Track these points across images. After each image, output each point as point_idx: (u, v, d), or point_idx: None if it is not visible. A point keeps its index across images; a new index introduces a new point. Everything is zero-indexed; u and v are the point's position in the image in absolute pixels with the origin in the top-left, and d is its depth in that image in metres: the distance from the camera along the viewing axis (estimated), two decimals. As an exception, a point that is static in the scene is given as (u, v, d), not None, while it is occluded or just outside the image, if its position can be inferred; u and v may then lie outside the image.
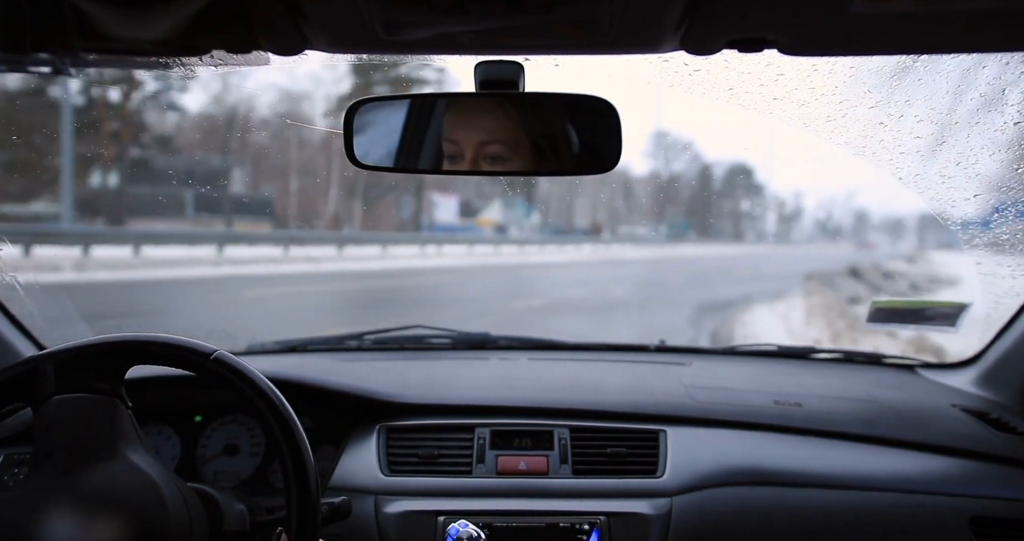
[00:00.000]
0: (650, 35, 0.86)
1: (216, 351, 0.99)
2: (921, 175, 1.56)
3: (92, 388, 0.97)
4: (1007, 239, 1.60)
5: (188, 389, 1.53)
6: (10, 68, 0.97)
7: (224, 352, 1.00)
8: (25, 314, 1.66)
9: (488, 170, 1.08)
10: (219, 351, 1.00)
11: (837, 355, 2.03)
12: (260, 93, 25.38)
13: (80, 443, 0.95)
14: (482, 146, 1.07)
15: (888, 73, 1.29)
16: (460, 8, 0.79)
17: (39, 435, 0.96)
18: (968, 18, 0.82)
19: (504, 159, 1.07)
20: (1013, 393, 1.65)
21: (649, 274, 18.37)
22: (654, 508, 1.31)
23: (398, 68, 2.79)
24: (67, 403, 0.96)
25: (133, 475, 0.95)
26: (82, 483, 0.93)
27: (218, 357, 0.99)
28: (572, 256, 24.06)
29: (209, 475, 1.49)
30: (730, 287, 15.07)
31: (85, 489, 0.92)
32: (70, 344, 1.00)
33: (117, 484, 0.94)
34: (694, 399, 1.58)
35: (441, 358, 1.97)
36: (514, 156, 1.07)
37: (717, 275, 18.40)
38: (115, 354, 0.99)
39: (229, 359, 0.99)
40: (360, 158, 1.10)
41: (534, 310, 10.24)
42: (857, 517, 1.32)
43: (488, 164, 1.08)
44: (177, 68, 1.05)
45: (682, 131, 31.02)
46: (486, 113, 1.07)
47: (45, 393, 0.96)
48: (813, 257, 29.19)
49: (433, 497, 1.34)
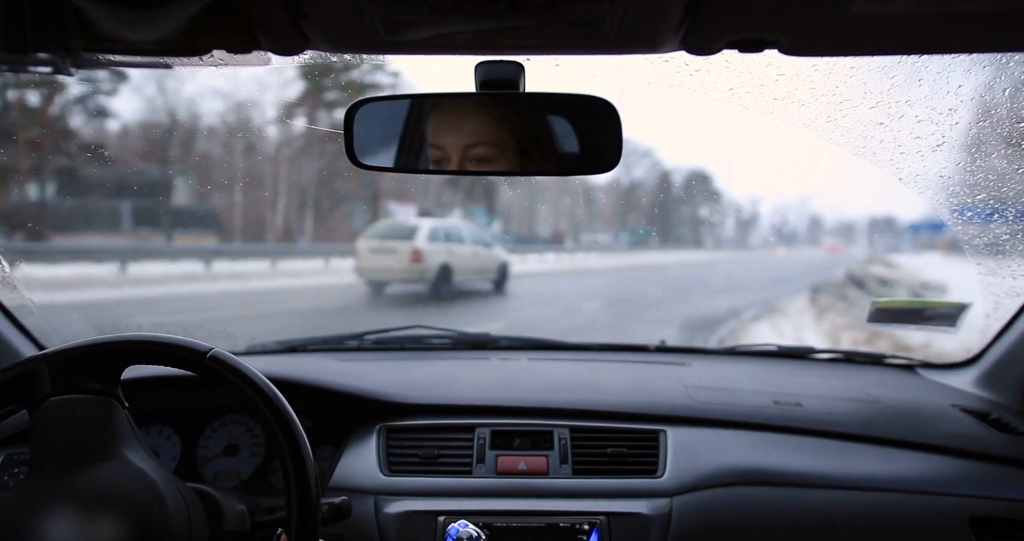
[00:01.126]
0: (650, 35, 0.86)
1: (212, 349, 0.99)
2: (921, 175, 1.56)
3: (88, 389, 0.97)
4: (1007, 239, 1.60)
5: (188, 389, 1.53)
6: (10, 68, 0.97)
7: (220, 350, 1.00)
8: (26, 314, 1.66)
9: (485, 170, 1.08)
10: (215, 349, 0.99)
11: (837, 355, 2.03)
12: (200, 98, 24.44)
13: (77, 444, 0.95)
14: (482, 146, 1.07)
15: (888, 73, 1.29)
16: (460, 8, 0.79)
17: (36, 437, 0.96)
18: (968, 18, 0.82)
19: (506, 159, 1.07)
20: (1013, 393, 1.65)
21: (619, 285, 16.83)
22: (654, 508, 1.31)
23: (350, 73, 2.78)
24: (63, 404, 0.96)
25: (132, 475, 0.95)
26: (81, 483, 0.93)
27: (214, 355, 0.98)
28: (535, 266, 22.08)
29: (209, 475, 1.49)
30: (713, 299, 13.91)
31: (84, 489, 0.92)
32: (65, 345, 0.99)
33: (116, 484, 0.94)
34: (694, 399, 1.58)
35: (441, 358, 1.97)
36: (513, 157, 1.07)
37: (693, 285, 17.15)
38: (110, 354, 0.99)
39: (225, 357, 0.99)
40: (360, 158, 1.10)
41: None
42: (857, 517, 1.32)
43: (485, 164, 1.08)
44: (177, 68, 1.05)
45: (642, 138, 31.54)
46: (485, 113, 1.07)
47: (41, 395, 0.96)
48: (785, 263, 28.44)
49: (433, 497, 1.34)
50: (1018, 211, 1.54)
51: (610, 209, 31.86)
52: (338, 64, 1.14)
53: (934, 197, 1.57)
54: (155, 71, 1.03)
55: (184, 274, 13.96)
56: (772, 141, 9.19)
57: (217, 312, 9.82)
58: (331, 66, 1.28)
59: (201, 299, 11.31)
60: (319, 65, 1.08)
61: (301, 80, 21.25)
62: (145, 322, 8.19)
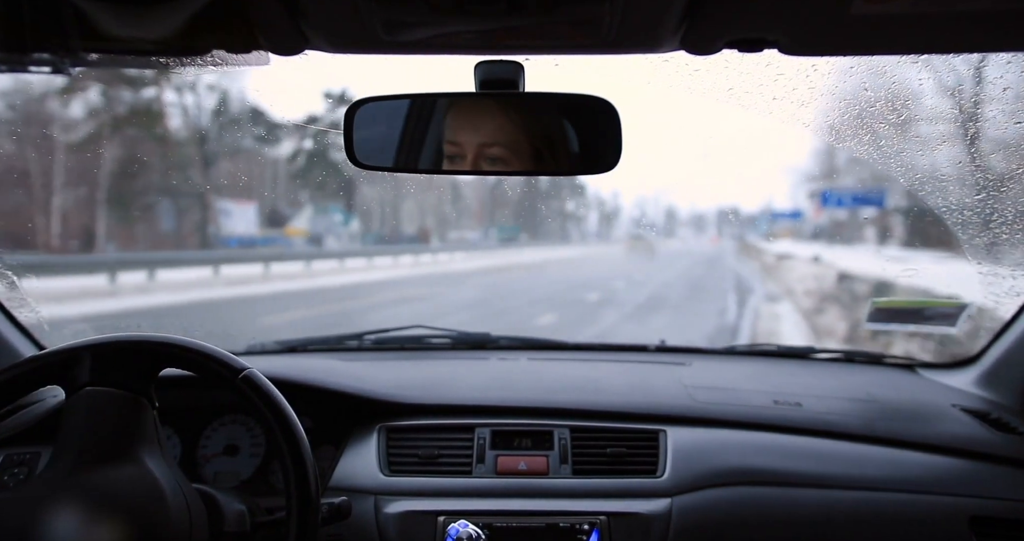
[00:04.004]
0: (650, 35, 0.86)
1: (247, 369, 1.01)
2: (921, 175, 1.56)
3: (124, 384, 0.99)
4: (1007, 239, 1.60)
5: (189, 389, 1.53)
6: (10, 68, 0.97)
7: (255, 371, 1.01)
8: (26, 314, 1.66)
9: (488, 170, 1.08)
10: (250, 369, 1.01)
11: (837, 355, 2.03)
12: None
13: (101, 438, 0.96)
14: (483, 146, 1.07)
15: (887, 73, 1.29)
16: (460, 8, 0.79)
17: (65, 424, 0.97)
18: (968, 18, 0.82)
19: (504, 159, 1.07)
20: (1013, 393, 1.65)
21: (496, 295, 13.15)
22: (654, 508, 1.31)
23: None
24: (98, 396, 0.98)
25: (142, 478, 0.96)
26: (93, 482, 0.94)
27: (247, 376, 1.00)
28: (394, 272, 18.83)
29: (209, 475, 1.49)
30: (625, 313, 10.70)
31: (91, 489, 0.93)
32: (111, 336, 1.01)
33: (123, 486, 0.94)
34: (694, 399, 1.58)
35: (441, 358, 1.97)
36: (514, 156, 1.07)
37: (584, 290, 13.67)
38: (152, 353, 1.01)
39: (259, 380, 1.01)
40: (360, 158, 1.10)
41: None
42: (857, 517, 1.32)
43: (488, 164, 1.08)
44: (177, 68, 1.05)
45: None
46: (486, 113, 1.07)
47: (80, 381, 0.98)
48: (673, 254, 27.17)
49: (433, 497, 1.34)
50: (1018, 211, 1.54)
51: (479, 205, 30.39)
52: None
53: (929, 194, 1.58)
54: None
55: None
56: (629, 136, 9.16)
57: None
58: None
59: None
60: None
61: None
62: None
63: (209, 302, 11.71)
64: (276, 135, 24.99)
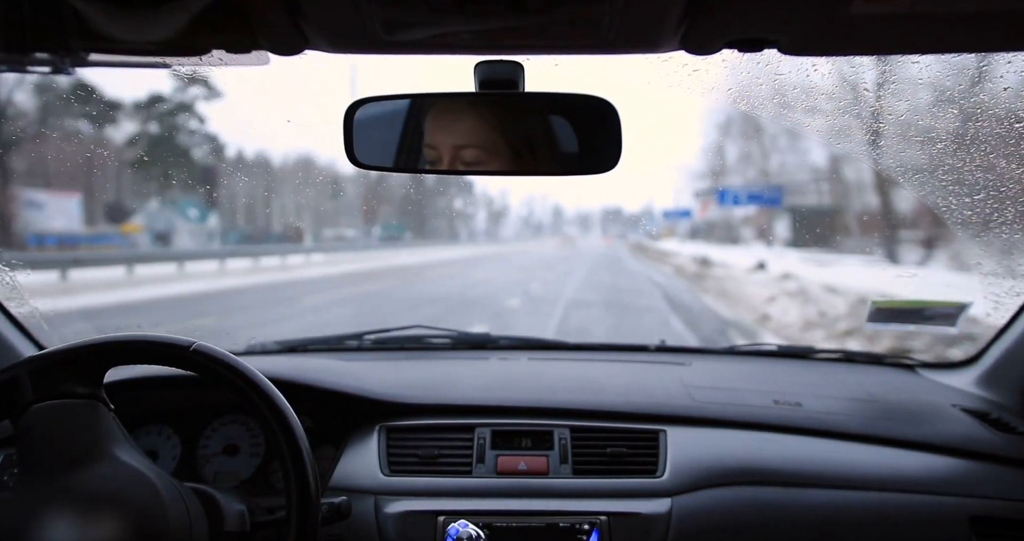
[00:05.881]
0: (650, 35, 0.86)
1: (195, 342, 0.98)
2: (921, 175, 1.56)
3: (71, 393, 0.96)
4: (1006, 238, 1.60)
5: (188, 389, 1.53)
6: (10, 68, 0.97)
7: (204, 343, 0.99)
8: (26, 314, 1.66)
9: (489, 170, 1.08)
10: (198, 342, 0.98)
11: (837, 355, 2.03)
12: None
13: (65, 448, 0.95)
14: (483, 146, 1.07)
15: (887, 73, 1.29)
16: (460, 8, 0.79)
17: (23, 444, 0.95)
18: (968, 18, 0.82)
19: (504, 159, 1.07)
20: (1013, 393, 1.65)
21: (370, 316, 9.98)
22: (654, 508, 1.31)
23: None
24: (47, 411, 0.95)
25: (127, 474, 0.95)
26: (74, 484, 0.92)
27: (197, 348, 0.98)
28: (244, 279, 15.16)
29: (209, 475, 1.49)
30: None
31: (78, 490, 0.92)
32: (44, 352, 0.99)
33: (110, 483, 0.94)
34: (694, 399, 1.58)
35: (441, 358, 1.97)
36: (513, 156, 1.07)
37: (470, 310, 10.70)
38: (91, 357, 0.98)
39: (209, 349, 0.98)
40: (359, 157, 1.10)
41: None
42: (857, 517, 1.32)
43: (489, 164, 1.08)
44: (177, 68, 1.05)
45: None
46: (486, 113, 1.07)
47: (23, 403, 0.95)
48: (568, 256, 24.80)
49: (433, 497, 1.34)
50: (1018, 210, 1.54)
51: (362, 201, 28.10)
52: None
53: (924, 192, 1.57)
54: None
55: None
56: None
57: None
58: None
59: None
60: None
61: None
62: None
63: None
64: (111, 116, 20.33)
